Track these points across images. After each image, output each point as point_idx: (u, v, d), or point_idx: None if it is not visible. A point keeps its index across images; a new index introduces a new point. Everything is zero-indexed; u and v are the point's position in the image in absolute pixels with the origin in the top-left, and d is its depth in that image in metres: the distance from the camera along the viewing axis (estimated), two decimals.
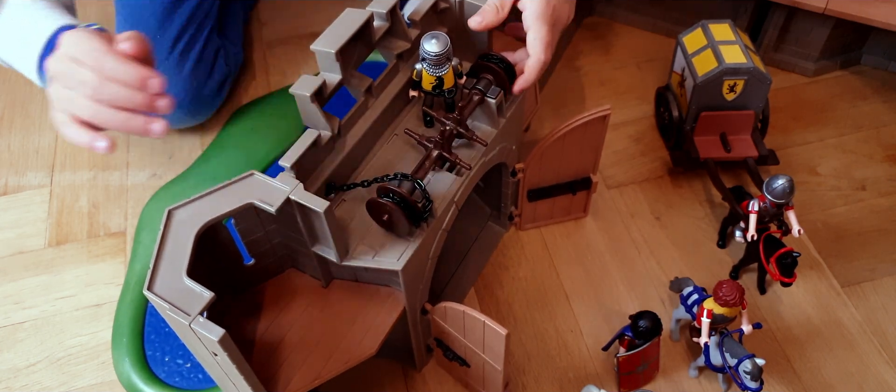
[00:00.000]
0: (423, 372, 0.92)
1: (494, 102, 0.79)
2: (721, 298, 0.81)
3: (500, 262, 1.03)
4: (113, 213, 1.12)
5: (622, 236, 1.05)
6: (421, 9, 0.83)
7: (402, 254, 0.71)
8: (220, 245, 0.76)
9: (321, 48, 0.72)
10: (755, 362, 0.76)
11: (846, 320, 0.94)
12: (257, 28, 1.42)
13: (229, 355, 0.61)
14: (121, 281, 1.03)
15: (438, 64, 0.75)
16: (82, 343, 0.97)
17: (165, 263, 0.65)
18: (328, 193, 0.76)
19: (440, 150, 0.75)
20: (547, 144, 0.89)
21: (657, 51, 1.30)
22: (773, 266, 0.88)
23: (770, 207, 0.90)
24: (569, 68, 1.29)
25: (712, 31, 1.04)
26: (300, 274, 0.82)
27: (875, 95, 1.22)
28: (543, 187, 0.98)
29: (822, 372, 0.90)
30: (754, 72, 0.99)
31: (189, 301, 0.61)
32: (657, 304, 0.97)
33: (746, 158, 1.04)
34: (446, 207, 0.76)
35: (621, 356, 0.85)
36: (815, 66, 1.24)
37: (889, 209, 1.06)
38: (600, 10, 1.38)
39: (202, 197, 0.69)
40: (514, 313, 0.97)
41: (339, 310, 0.79)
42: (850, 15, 1.09)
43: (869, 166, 1.11)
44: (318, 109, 0.71)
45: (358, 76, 0.77)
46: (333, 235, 0.68)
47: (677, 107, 1.09)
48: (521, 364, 0.92)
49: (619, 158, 1.15)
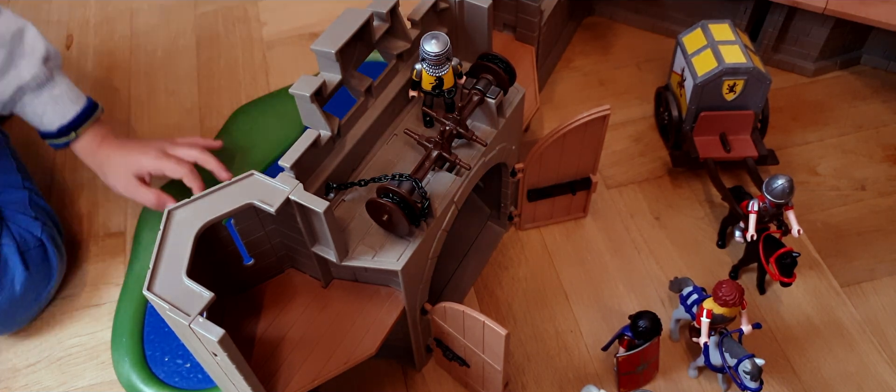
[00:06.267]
0: (422, 372, 0.92)
1: (494, 102, 0.79)
2: (721, 298, 0.81)
3: (499, 262, 1.03)
4: (113, 213, 1.12)
5: (622, 236, 1.05)
6: (421, 9, 0.83)
7: (402, 254, 0.72)
8: (220, 245, 0.76)
9: (321, 48, 0.72)
10: (755, 362, 0.76)
11: (846, 320, 0.94)
12: (257, 28, 1.42)
13: (229, 355, 0.61)
14: (121, 281, 1.03)
15: (438, 64, 0.75)
16: (82, 343, 0.97)
17: (165, 263, 0.65)
18: (328, 193, 0.76)
19: (440, 150, 0.75)
20: (547, 144, 0.89)
21: (657, 51, 1.30)
22: (773, 266, 0.88)
23: (770, 207, 0.90)
24: (569, 68, 1.29)
25: (712, 31, 1.04)
26: (300, 274, 0.82)
27: (875, 95, 1.22)
28: (543, 187, 0.98)
29: (821, 372, 0.90)
30: (754, 72, 0.99)
31: (189, 301, 0.61)
32: (657, 304, 0.97)
33: (746, 158, 1.04)
34: (446, 207, 0.76)
35: (621, 356, 0.85)
36: (814, 66, 1.24)
37: (889, 209, 1.06)
38: (600, 10, 1.38)
39: (202, 197, 0.69)
40: (513, 313, 0.97)
41: (339, 310, 0.79)
42: (850, 15, 1.09)
43: (869, 166, 1.11)
44: (318, 109, 0.71)
45: (358, 76, 0.77)
46: (333, 235, 0.68)
47: (677, 107, 1.09)
48: (521, 364, 0.92)
49: (619, 158, 1.15)
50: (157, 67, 1.35)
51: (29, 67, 0.95)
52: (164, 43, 1.40)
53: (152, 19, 1.45)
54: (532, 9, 1.01)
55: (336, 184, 0.76)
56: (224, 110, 1.26)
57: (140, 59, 1.37)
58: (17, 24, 0.96)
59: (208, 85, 1.31)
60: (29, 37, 0.96)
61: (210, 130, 1.22)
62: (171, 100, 1.29)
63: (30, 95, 0.96)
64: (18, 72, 0.94)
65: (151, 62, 1.36)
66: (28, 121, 1.00)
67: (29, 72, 0.95)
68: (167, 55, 1.37)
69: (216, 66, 1.35)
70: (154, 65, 1.36)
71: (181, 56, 1.37)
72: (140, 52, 1.38)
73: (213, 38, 1.40)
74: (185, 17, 1.45)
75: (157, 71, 1.34)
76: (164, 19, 1.45)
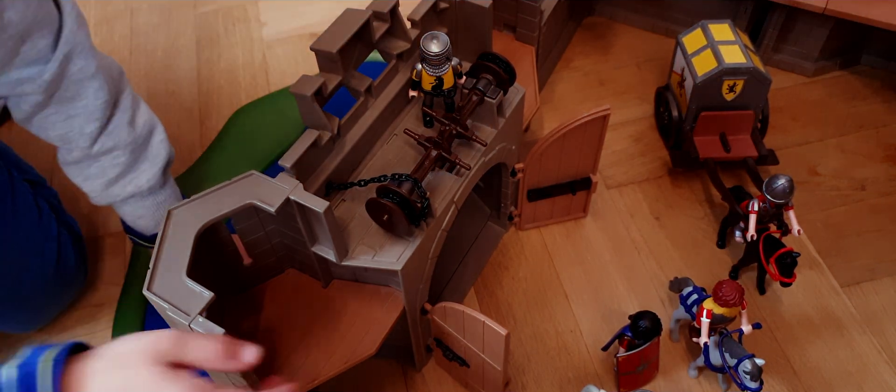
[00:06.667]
0: (422, 372, 0.92)
1: (494, 102, 0.79)
2: (721, 298, 0.81)
3: (499, 262, 1.03)
4: (113, 213, 1.11)
5: (622, 236, 1.05)
6: (421, 9, 0.83)
7: (402, 254, 0.71)
8: (219, 245, 0.76)
9: (321, 48, 0.72)
10: (755, 362, 0.76)
11: (846, 320, 0.94)
12: (257, 28, 1.42)
13: None
14: (121, 281, 1.03)
15: (438, 64, 0.75)
16: None
17: (165, 263, 0.65)
18: (328, 193, 0.76)
19: (440, 150, 0.75)
20: (547, 144, 0.89)
21: (657, 51, 1.30)
22: (773, 266, 0.88)
23: (770, 207, 0.90)
24: (569, 68, 1.29)
25: (712, 31, 1.04)
26: (300, 274, 0.82)
27: (875, 95, 1.22)
28: (543, 187, 0.98)
29: (821, 372, 0.90)
30: (754, 72, 0.99)
31: (189, 301, 0.61)
32: (657, 304, 0.97)
33: (746, 158, 1.04)
34: (446, 207, 0.76)
35: (621, 356, 0.85)
36: (814, 66, 1.24)
37: (889, 209, 1.06)
38: (600, 10, 1.38)
39: (202, 197, 0.69)
40: (513, 313, 0.97)
41: (339, 310, 0.79)
42: (850, 15, 1.09)
43: (869, 166, 1.11)
44: (318, 109, 0.71)
45: (358, 76, 0.77)
46: (333, 235, 0.68)
47: (677, 107, 1.09)
48: (521, 364, 0.92)
49: (619, 158, 1.15)
50: (156, 67, 1.35)
51: (148, 174, 0.89)
52: (164, 43, 1.40)
53: (152, 19, 1.45)
54: (532, 9, 1.01)
55: (336, 184, 0.76)
56: (224, 110, 1.26)
57: (140, 59, 1.37)
58: (149, 124, 0.89)
59: (208, 85, 1.31)
60: (155, 141, 0.89)
61: (210, 130, 1.22)
62: (171, 100, 1.29)
63: (136, 198, 0.91)
64: (137, 177, 0.88)
65: (151, 62, 1.36)
66: (119, 214, 0.94)
67: (147, 179, 0.89)
68: (167, 55, 1.37)
69: (216, 66, 1.35)
70: (154, 65, 1.36)
71: (181, 56, 1.37)
72: (140, 52, 1.38)
73: (213, 38, 1.40)
74: (185, 17, 1.45)
75: (156, 71, 1.34)
76: (164, 19, 1.45)
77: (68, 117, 0.80)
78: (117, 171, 0.86)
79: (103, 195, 0.89)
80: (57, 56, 0.75)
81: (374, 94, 0.80)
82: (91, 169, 0.86)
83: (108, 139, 0.84)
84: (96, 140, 0.83)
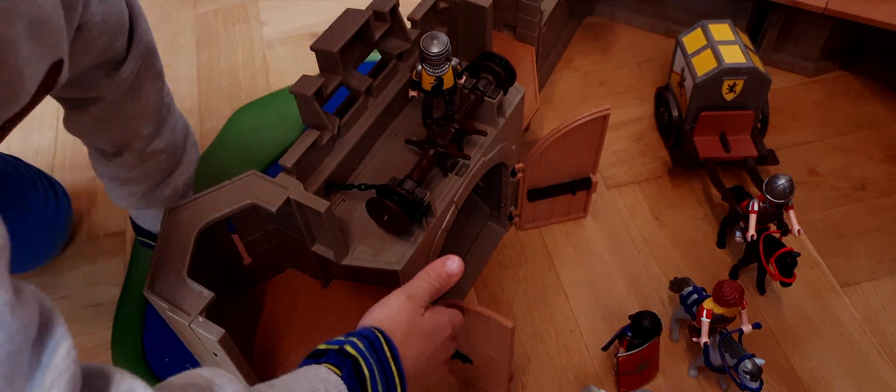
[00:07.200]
0: None
1: (494, 102, 0.79)
2: (721, 298, 0.81)
3: (500, 262, 1.03)
4: (112, 213, 1.12)
5: (622, 236, 1.05)
6: (421, 9, 0.83)
7: (402, 254, 0.71)
8: (220, 245, 0.76)
9: (321, 48, 0.72)
10: (755, 362, 0.76)
11: (846, 320, 0.94)
12: (257, 28, 1.42)
13: (229, 355, 0.61)
14: (121, 281, 1.03)
15: (438, 64, 0.75)
16: (82, 343, 0.97)
17: (165, 263, 0.65)
18: (328, 193, 0.76)
19: (437, 147, 0.75)
20: (547, 144, 0.89)
21: (657, 51, 1.30)
22: (773, 266, 0.88)
23: (770, 207, 0.90)
24: (568, 68, 1.29)
25: (712, 31, 1.04)
26: (300, 274, 0.82)
27: (875, 95, 1.22)
28: (543, 187, 0.98)
29: (821, 372, 0.90)
30: (754, 72, 0.99)
31: (189, 301, 0.61)
32: (657, 304, 0.97)
33: (746, 158, 1.04)
34: (446, 207, 0.76)
35: (621, 356, 0.85)
36: (814, 66, 1.24)
37: (889, 209, 1.06)
38: (600, 10, 1.38)
39: (202, 197, 0.69)
40: (513, 313, 0.97)
41: (339, 310, 0.79)
42: (850, 15, 1.09)
43: (869, 166, 1.11)
44: (318, 109, 0.71)
45: (358, 76, 0.77)
46: (333, 235, 0.68)
47: (677, 107, 1.09)
48: (521, 364, 0.92)
49: (619, 158, 1.15)
50: None
51: (184, 176, 0.88)
52: (164, 43, 1.40)
53: (152, 19, 1.43)
54: (532, 9, 1.01)
55: (336, 184, 0.76)
56: (224, 110, 1.26)
57: None
58: (184, 124, 0.89)
59: (208, 85, 1.31)
60: (190, 142, 0.89)
61: (210, 130, 1.22)
62: None
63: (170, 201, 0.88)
64: (175, 179, 0.87)
65: None
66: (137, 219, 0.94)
67: (183, 181, 0.88)
68: (167, 55, 1.37)
69: (216, 66, 1.35)
70: None
71: (181, 56, 1.37)
72: None
73: (213, 38, 1.40)
74: (185, 17, 1.45)
75: None
76: (164, 19, 1.45)
77: (127, 119, 0.77)
78: (161, 176, 0.85)
79: (143, 200, 0.86)
80: (132, 55, 0.72)
81: (373, 94, 0.80)
82: (135, 173, 0.83)
83: (160, 141, 0.82)
84: (151, 142, 0.81)
